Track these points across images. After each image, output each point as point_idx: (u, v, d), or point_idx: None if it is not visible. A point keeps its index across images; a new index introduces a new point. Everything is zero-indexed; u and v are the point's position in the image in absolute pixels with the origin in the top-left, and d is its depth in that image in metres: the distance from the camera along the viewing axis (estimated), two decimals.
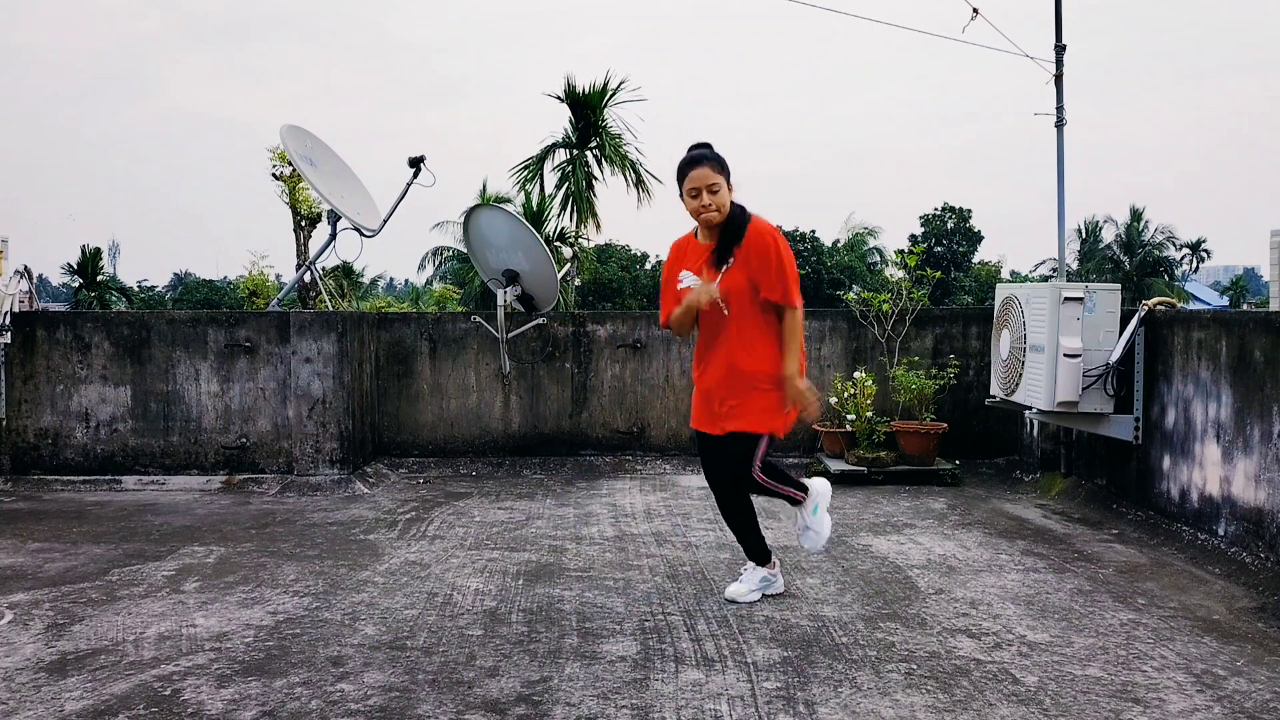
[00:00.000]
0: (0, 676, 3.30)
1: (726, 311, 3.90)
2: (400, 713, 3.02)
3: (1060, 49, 8.11)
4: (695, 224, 4.01)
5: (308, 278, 8.48)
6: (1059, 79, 8.04)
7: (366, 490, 6.53)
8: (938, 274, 8.20)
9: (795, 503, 4.18)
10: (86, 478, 6.73)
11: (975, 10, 8.14)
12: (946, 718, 2.98)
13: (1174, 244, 51.85)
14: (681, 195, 3.93)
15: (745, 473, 3.97)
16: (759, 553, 4.13)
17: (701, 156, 3.90)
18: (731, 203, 3.93)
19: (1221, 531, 4.83)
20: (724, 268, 3.90)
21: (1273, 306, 18.23)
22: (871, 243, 46.58)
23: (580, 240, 24.11)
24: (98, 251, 46.12)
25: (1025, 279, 43.01)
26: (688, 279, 3.99)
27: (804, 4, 8.76)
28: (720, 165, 3.90)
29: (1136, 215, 51.05)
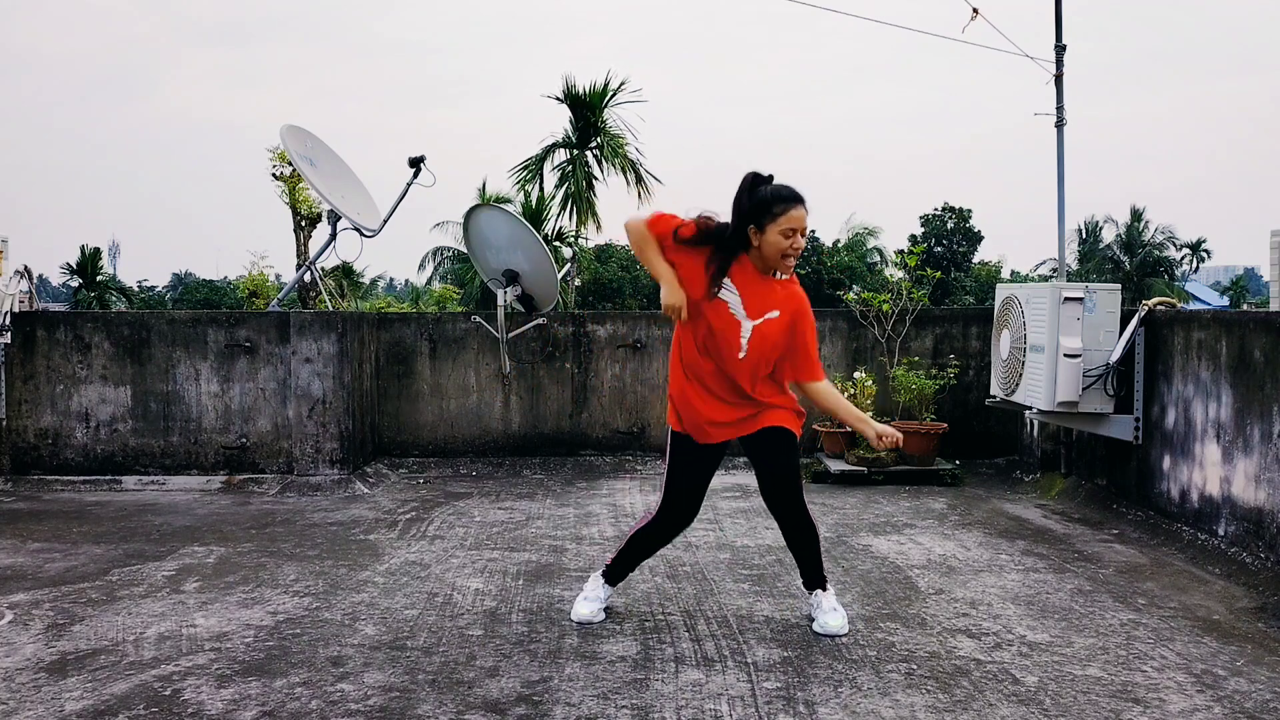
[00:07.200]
0: (0, 676, 3.30)
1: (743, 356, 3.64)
2: (400, 713, 3.02)
3: (1060, 49, 8.11)
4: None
5: (308, 278, 8.47)
6: (1059, 79, 8.04)
7: (366, 490, 6.53)
8: (938, 274, 8.20)
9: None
10: (86, 478, 6.73)
11: (975, 10, 8.14)
12: (947, 718, 2.98)
13: (1174, 244, 51.79)
14: (761, 227, 3.49)
15: None
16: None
17: (802, 197, 3.52)
18: None
19: (1221, 531, 4.83)
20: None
21: (1273, 306, 18.22)
22: (871, 243, 46.49)
23: (580, 240, 24.13)
24: (97, 251, 46.08)
25: (1025, 279, 42.97)
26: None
27: (804, 4, 8.76)
28: None
29: (1137, 215, 50.98)
